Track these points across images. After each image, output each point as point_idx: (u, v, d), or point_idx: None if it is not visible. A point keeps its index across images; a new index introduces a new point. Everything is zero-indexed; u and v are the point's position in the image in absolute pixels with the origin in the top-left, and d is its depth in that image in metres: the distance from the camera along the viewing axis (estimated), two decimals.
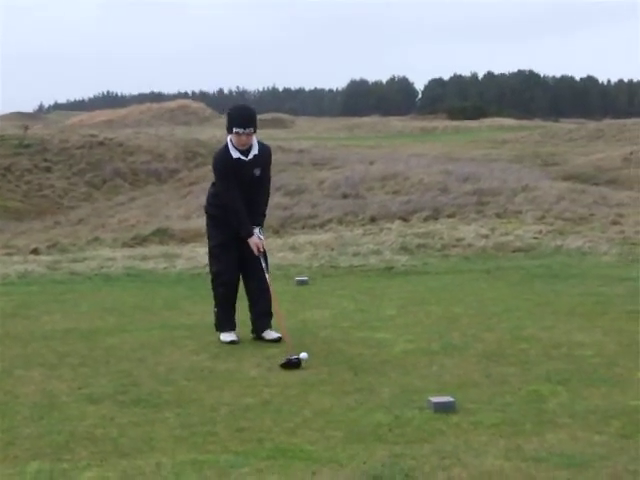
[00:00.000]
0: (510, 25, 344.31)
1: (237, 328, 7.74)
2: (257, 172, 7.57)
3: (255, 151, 7.55)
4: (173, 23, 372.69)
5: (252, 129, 7.43)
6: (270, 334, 7.66)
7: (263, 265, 7.60)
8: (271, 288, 7.61)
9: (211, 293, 7.82)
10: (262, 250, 7.61)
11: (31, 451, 4.84)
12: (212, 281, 7.79)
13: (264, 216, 7.79)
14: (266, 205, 7.84)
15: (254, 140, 7.54)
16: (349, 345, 7.42)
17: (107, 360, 6.98)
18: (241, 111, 7.61)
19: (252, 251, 7.54)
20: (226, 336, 7.61)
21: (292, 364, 6.64)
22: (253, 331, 7.78)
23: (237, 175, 7.47)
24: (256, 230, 7.56)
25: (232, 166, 7.47)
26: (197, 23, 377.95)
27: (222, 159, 7.54)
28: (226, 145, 7.55)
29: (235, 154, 7.48)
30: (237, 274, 7.71)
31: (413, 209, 20.02)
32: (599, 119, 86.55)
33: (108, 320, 8.70)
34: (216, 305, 7.74)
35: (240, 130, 7.38)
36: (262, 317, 7.74)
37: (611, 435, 4.99)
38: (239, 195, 7.48)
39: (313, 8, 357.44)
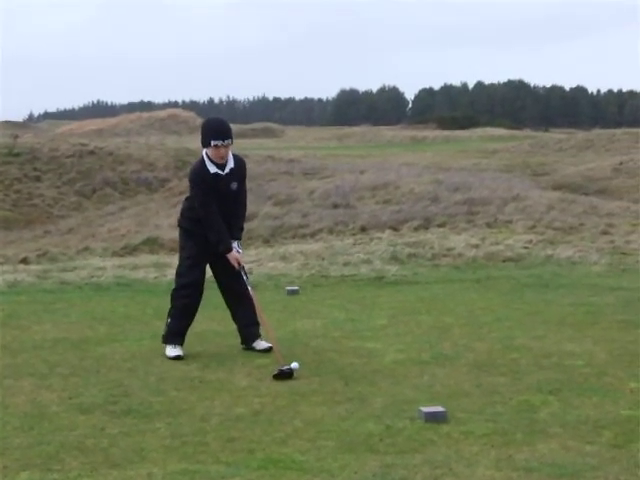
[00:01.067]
0: (500, 35, 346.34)
1: (184, 343, 7.59)
2: (234, 186, 7.49)
3: (231, 164, 7.46)
4: (163, 33, 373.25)
5: (230, 141, 7.34)
6: (260, 344, 7.64)
7: (244, 278, 7.57)
8: (255, 299, 7.57)
9: (169, 304, 7.70)
10: (241, 264, 7.59)
11: (21, 461, 4.82)
12: (174, 291, 7.66)
13: (242, 229, 7.73)
14: (244, 218, 7.78)
15: (229, 154, 7.47)
16: (340, 355, 7.41)
17: (98, 370, 6.96)
18: (217, 123, 7.49)
19: (231, 264, 7.51)
20: (171, 350, 7.46)
21: (284, 375, 6.63)
22: (243, 342, 7.75)
23: (215, 190, 7.38)
24: (235, 244, 7.53)
25: (210, 181, 7.38)
26: (187, 33, 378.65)
27: (199, 173, 7.42)
28: (202, 159, 7.44)
29: (212, 169, 7.38)
30: (201, 290, 7.63)
31: (404, 219, 20.04)
32: (589, 129, 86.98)
33: (98, 330, 8.67)
34: (170, 316, 7.62)
35: (219, 142, 7.28)
36: (249, 327, 7.71)
37: (602, 445, 5.00)
38: (217, 210, 7.41)
39: (303, 18, 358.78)
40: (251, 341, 7.68)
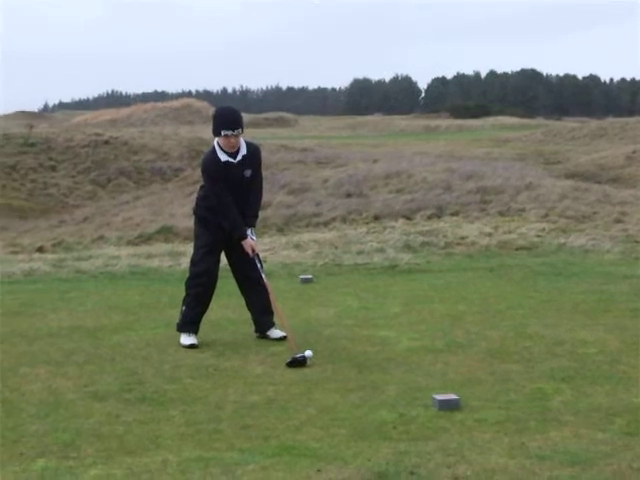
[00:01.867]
0: (513, 24, 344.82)
1: (200, 332, 7.65)
2: (247, 173, 7.50)
3: (243, 152, 7.47)
4: (177, 23, 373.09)
5: (240, 130, 7.35)
6: (275, 333, 7.68)
7: (258, 266, 7.60)
8: (269, 287, 7.61)
9: (183, 292, 7.74)
10: (256, 252, 7.62)
11: (37, 449, 4.87)
12: (189, 279, 7.69)
13: (256, 217, 7.73)
14: (259, 205, 7.78)
15: (242, 141, 7.47)
16: (353, 343, 7.44)
17: (113, 358, 7.00)
18: (228, 113, 7.49)
19: (246, 252, 7.54)
20: (186, 339, 7.50)
21: (298, 362, 6.66)
22: (257, 330, 7.79)
23: (227, 178, 7.40)
24: (249, 231, 7.55)
25: (221, 169, 7.40)
26: (201, 23, 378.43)
27: (211, 163, 7.46)
28: (213, 148, 7.46)
29: (223, 157, 7.40)
30: (216, 279, 7.66)
31: (417, 207, 20.04)
32: (602, 117, 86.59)
33: (113, 318, 8.72)
34: (184, 304, 7.66)
35: (229, 132, 7.29)
36: (264, 315, 7.74)
37: (615, 433, 5.00)
38: (230, 198, 7.42)
39: (316, 8, 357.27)
40: (265, 329, 7.72)
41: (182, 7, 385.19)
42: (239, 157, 7.45)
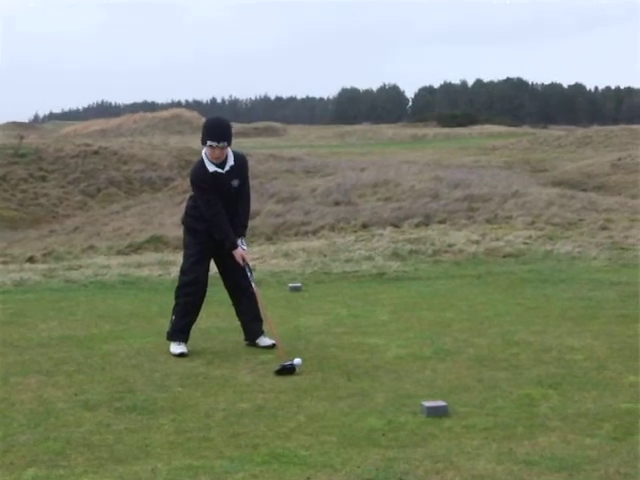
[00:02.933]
0: (499, 33, 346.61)
1: (190, 340, 7.66)
2: (235, 183, 7.52)
3: (231, 162, 7.48)
4: (166, 34, 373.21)
5: (226, 143, 7.35)
6: (264, 341, 7.70)
7: (248, 275, 7.63)
8: (258, 296, 7.64)
9: (173, 301, 7.75)
10: (247, 261, 7.65)
11: (27, 458, 4.87)
12: (178, 288, 7.69)
13: (246, 227, 7.75)
14: (247, 215, 7.79)
15: (229, 152, 7.48)
16: (342, 350, 7.47)
17: (103, 367, 7.02)
18: (215, 124, 7.48)
19: (236, 261, 7.56)
20: (175, 347, 7.51)
21: (287, 370, 6.69)
22: (246, 338, 7.81)
23: (215, 188, 7.43)
24: (239, 241, 7.58)
25: (209, 179, 7.42)
26: (189, 33, 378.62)
27: (199, 173, 7.48)
28: (202, 159, 7.48)
29: (211, 167, 7.42)
30: (205, 288, 7.66)
31: (404, 215, 20.12)
32: (587, 126, 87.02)
33: (103, 327, 8.73)
34: (174, 314, 7.67)
35: (214, 144, 7.31)
36: (253, 323, 7.76)
37: (602, 438, 5.05)
38: (220, 207, 7.45)
39: (304, 18, 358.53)
40: (254, 337, 7.74)
41: (171, 19, 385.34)
42: (227, 167, 7.47)
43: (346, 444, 5.02)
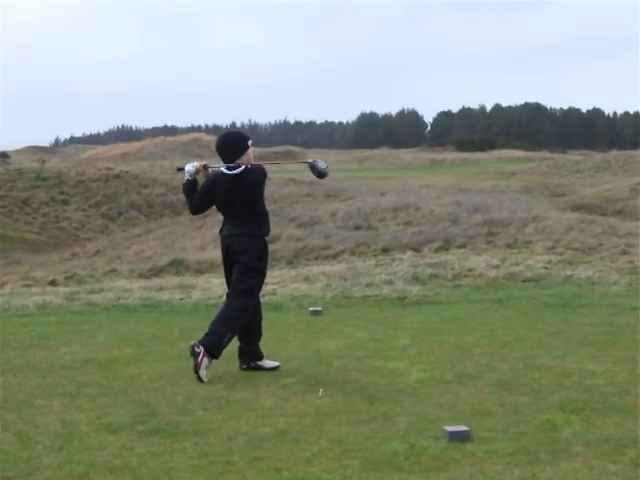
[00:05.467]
0: (517, 58, 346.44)
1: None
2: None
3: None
4: (185, 58, 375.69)
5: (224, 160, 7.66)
6: (267, 363, 7.72)
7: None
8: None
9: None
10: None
11: None
12: (246, 309, 7.57)
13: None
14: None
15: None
16: (364, 374, 7.48)
17: (125, 390, 7.05)
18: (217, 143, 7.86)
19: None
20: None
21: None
22: (245, 362, 7.82)
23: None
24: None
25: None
26: (209, 59, 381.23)
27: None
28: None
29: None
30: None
31: (424, 240, 20.11)
32: (606, 150, 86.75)
33: (126, 350, 8.78)
34: (232, 333, 7.61)
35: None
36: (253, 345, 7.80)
37: (625, 464, 5.02)
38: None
39: (323, 43, 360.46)
40: (255, 359, 7.77)
41: (191, 46, 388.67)
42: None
43: (368, 468, 5.02)
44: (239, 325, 7.53)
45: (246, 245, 7.51)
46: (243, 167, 7.61)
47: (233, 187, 7.56)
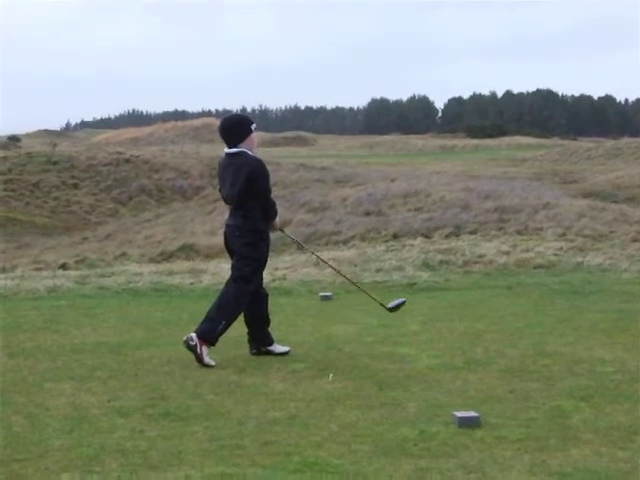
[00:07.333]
0: (529, 45, 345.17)
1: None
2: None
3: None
4: (196, 44, 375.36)
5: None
6: (278, 348, 7.72)
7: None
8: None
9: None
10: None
11: (62, 463, 4.91)
12: (241, 296, 7.56)
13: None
14: None
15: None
16: (373, 360, 7.48)
17: (136, 373, 7.07)
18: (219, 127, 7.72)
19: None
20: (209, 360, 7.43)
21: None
22: (254, 346, 7.83)
23: None
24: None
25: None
26: (220, 44, 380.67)
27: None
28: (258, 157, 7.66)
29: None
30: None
31: (435, 226, 20.10)
32: (617, 137, 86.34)
33: (136, 334, 8.81)
34: (228, 320, 7.62)
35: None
36: (261, 330, 7.81)
37: (635, 451, 5.02)
38: None
39: (334, 28, 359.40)
40: (266, 344, 7.77)
41: (202, 30, 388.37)
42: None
43: (378, 453, 5.03)
44: (235, 312, 7.53)
45: (238, 234, 7.52)
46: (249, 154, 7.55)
47: (227, 166, 7.57)
